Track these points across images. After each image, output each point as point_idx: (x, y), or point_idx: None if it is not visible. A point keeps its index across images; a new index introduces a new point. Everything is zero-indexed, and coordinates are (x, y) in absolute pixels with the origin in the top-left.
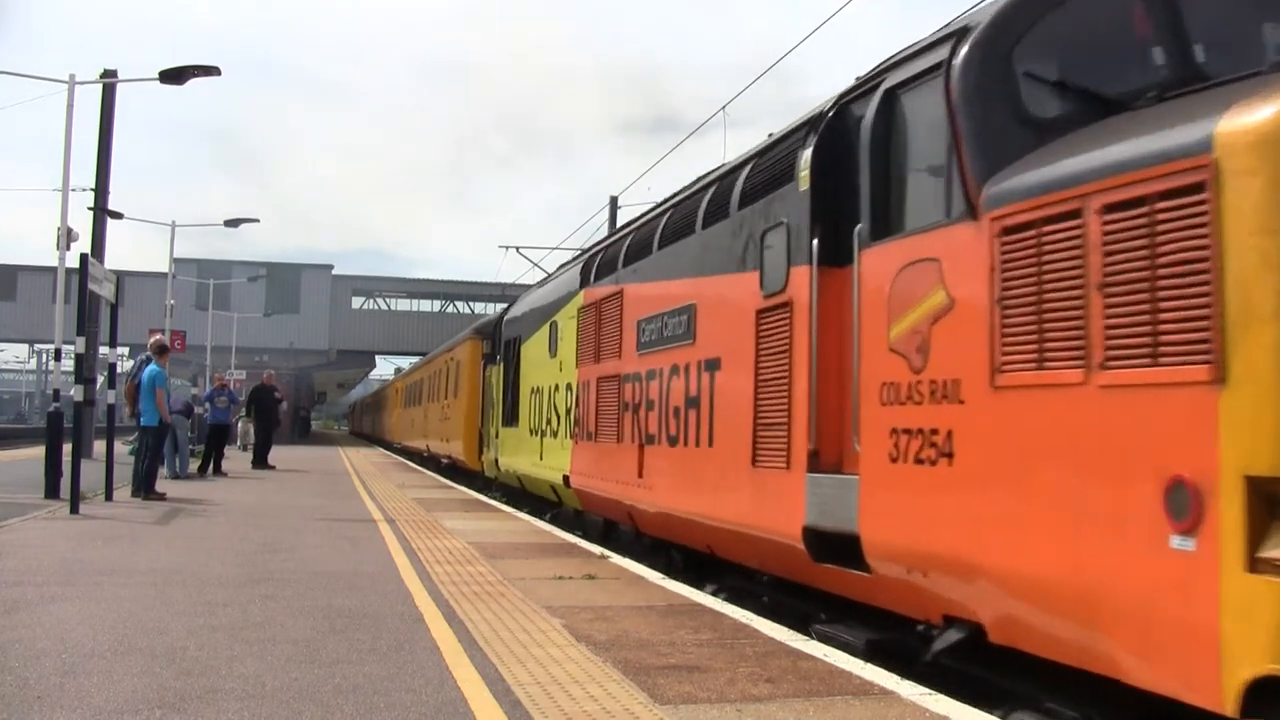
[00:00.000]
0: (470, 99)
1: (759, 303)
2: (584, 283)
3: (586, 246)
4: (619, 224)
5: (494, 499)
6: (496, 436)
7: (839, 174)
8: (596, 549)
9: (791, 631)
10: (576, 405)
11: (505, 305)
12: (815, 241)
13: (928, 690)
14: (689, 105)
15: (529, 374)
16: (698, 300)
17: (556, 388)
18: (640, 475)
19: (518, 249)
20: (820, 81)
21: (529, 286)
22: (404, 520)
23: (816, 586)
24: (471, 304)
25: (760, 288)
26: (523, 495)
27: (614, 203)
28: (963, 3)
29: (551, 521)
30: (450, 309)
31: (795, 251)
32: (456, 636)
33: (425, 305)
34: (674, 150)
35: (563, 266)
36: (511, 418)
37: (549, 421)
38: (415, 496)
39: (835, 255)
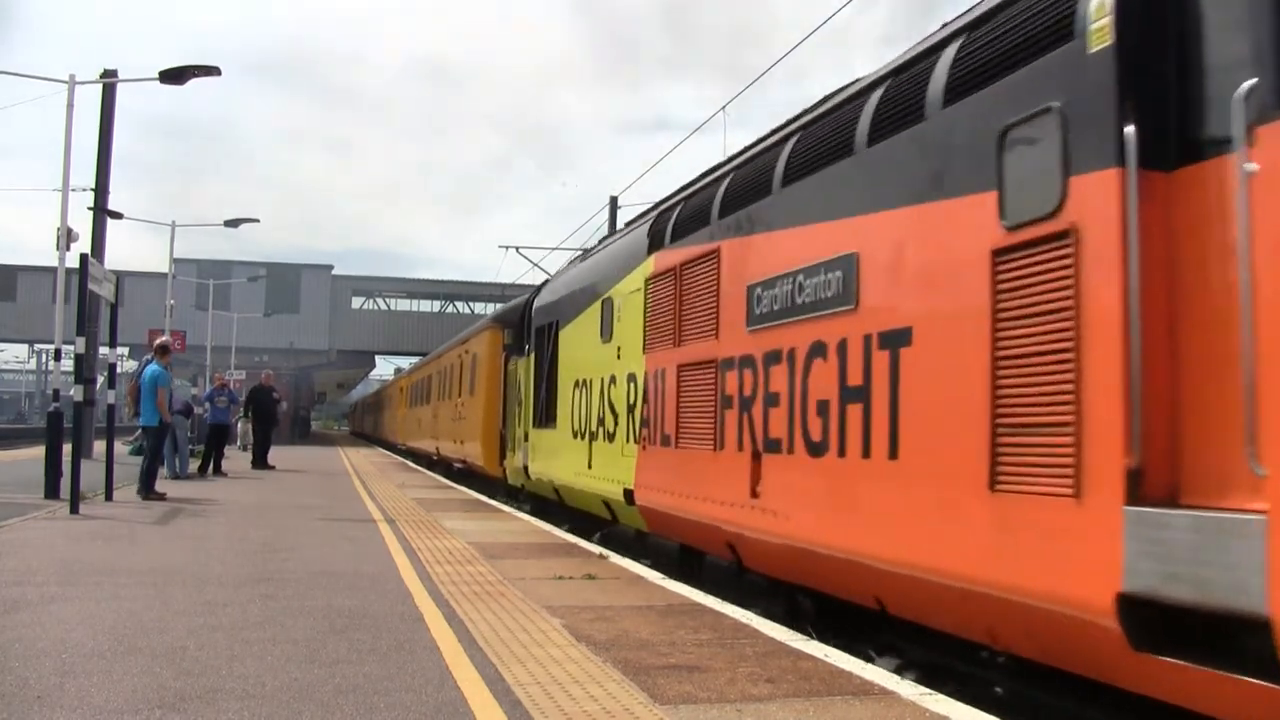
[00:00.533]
0: (470, 97)
1: (997, 238)
2: (654, 246)
3: (656, 202)
4: (618, 226)
5: (514, 507)
6: (526, 439)
7: (1166, 19)
8: (596, 549)
9: (791, 631)
10: (644, 401)
11: (535, 287)
12: (1131, 129)
13: (928, 690)
14: None
15: (571, 365)
16: (862, 248)
17: (613, 380)
18: (754, 494)
19: (518, 249)
20: (819, 81)
21: (568, 263)
22: (404, 520)
23: (1123, 686)
24: (471, 304)
25: (999, 216)
26: (560, 509)
27: (614, 203)
28: (960, 4)
29: (600, 542)
30: (450, 309)
31: (1081, 151)
32: (456, 636)
33: (425, 305)
34: (674, 150)
35: (615, 234)
36: (546, 417)
37: (602, 422)
38: (415, 497)
39: (1154, 153)
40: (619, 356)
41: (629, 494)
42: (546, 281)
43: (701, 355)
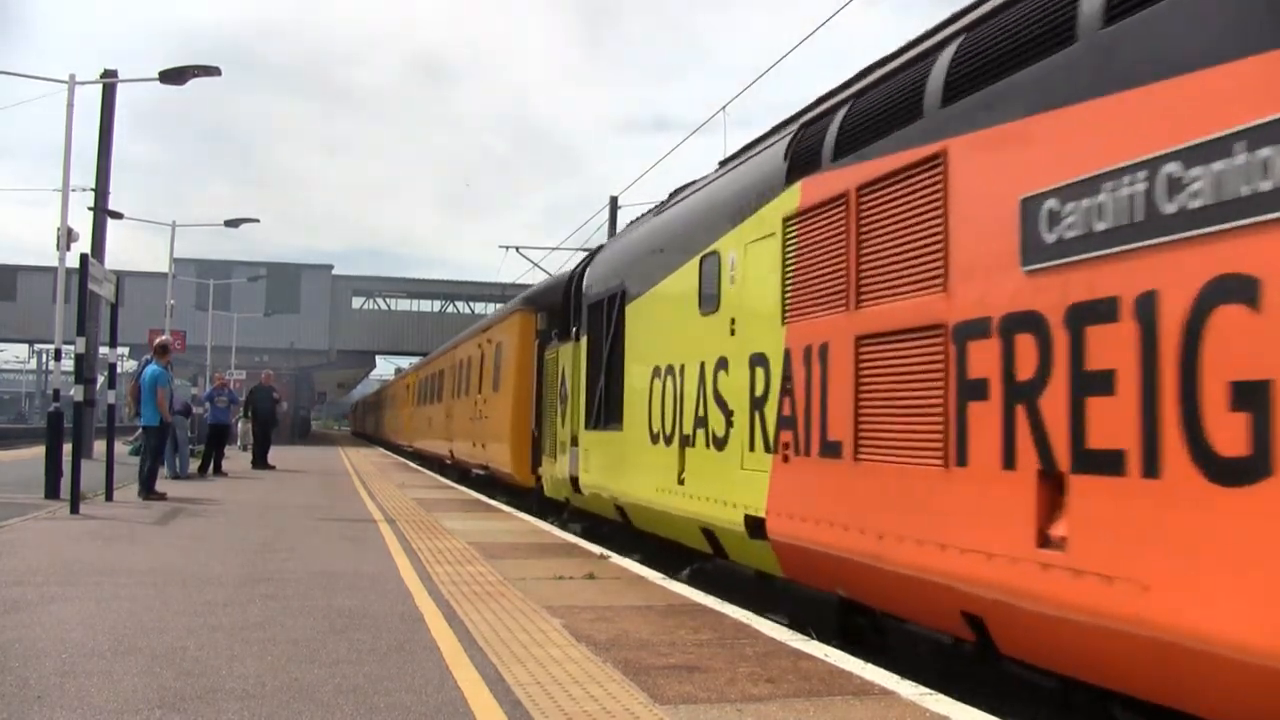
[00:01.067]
0: (470, 97)
1: None
2: (800, 170)
3: (794, 114)
4: (618, 222)
5: (555, 524)
6: (574, 444)
7: None
8: (596, 549)
9: (791, 631)
10: (784, 393)
11: (586, 255)
12: None
13: (928, 690)
14: None
15: (647, 347)
16: None
17: (722, 364)
18: (1044, 541)
19: (518, 249)
20: (816, 82)
21: (632, 221)
22: (404, 520)
23: None
24: (471, 304)
25: None
26: (627, 534)
27: (614, 203)
28: (955, 4)
29: (690, 581)
30: (450, 309)
31: None
32: (456, 636)
33: (425, 305)
34: (674, 150)
35: (715, 172)
36: (605, 416)
37: (702, 421)
38: (415, 497)
39: None
40: (732, 331)
41: (755, 523)
42: (600, 247)
43: (909, 319)
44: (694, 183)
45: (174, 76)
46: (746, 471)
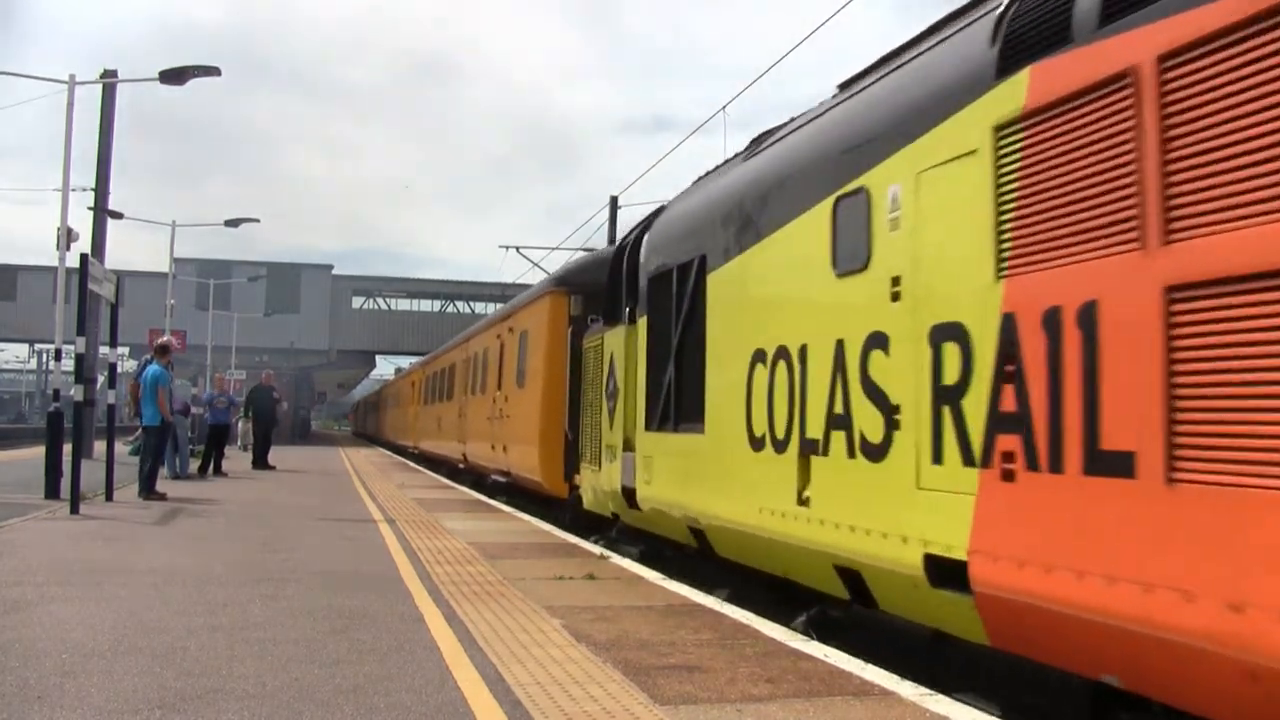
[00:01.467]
0: (470, 96)
1: None
2: (1026, 53)
3: None
4: (618, 227)
5: (601, 545)
6: (627, 448)
7: None
8: (596, 549)
9: (791, 631)
10: (1003, 379)
11: (644, 219)
12: None
13: (928, 690)
14: None
15: (740, 325)
16: None
17: (878, 343)
18: None
19: (518, 249)
20: (816, 82)
21: (703, 175)
22: (404, 520)
23: None
24: (471, 304)
25: None
26: (704, 561)
27: (614, 203)
28: (954, 3)
29: (809, 629)
30: (450, 309)
31: None
32: (456, 636)
33: (425, 305)
34: (674, 150)
35: (847, 89)
36: (677, 413)
37: (839, 421)
38: (415, 497)
39: None
40: (895, 296)
41: (943, 566)
42: (661, 209)
43: None
44: (791, 121)
45: (174, 77)
46: (927, 493)
